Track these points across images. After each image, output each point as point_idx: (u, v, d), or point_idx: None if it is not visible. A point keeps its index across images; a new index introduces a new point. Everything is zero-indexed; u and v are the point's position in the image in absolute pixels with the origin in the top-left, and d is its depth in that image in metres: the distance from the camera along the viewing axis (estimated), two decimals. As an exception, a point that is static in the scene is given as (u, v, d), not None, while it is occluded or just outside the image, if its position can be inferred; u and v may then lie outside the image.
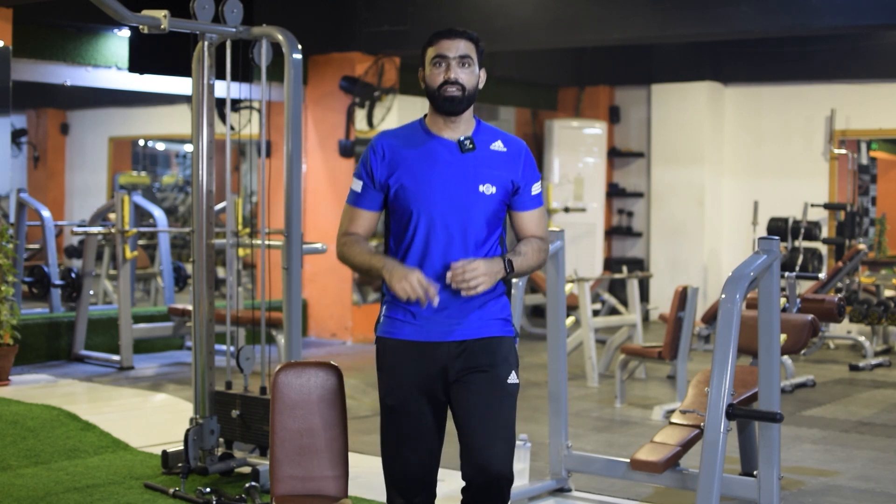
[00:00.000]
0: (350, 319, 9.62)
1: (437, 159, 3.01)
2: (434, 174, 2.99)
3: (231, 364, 5.37)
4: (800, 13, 7.98)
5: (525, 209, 3.10)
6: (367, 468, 5.24)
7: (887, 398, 7.51)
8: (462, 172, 3.00)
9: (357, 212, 3.08)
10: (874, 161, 11.64)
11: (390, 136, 3.07)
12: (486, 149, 3.04)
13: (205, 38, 4.87)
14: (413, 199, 2.99)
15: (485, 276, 2.90)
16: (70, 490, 4.74)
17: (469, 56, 3.00)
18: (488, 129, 3.10)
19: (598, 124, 11.63)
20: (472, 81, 3.01)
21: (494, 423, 2.97)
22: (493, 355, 3.01)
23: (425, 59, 3.03)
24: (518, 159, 3.06)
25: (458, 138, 3.02)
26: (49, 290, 8.59)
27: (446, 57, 2.98)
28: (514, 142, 3.09)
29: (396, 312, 3.05)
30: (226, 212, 6.66)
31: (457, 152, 3.02)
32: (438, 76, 2.99)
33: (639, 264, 11.78)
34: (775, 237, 3.81)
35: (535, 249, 3.08)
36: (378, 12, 9.32)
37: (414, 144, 3.03)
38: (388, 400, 3.05)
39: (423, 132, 3.06)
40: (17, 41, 7.73)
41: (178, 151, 14.55)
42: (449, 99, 2.98)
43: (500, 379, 3.01)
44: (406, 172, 3.00)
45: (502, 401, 3.00)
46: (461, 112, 3.01)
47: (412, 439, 3.02)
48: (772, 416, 3.77)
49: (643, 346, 7.20)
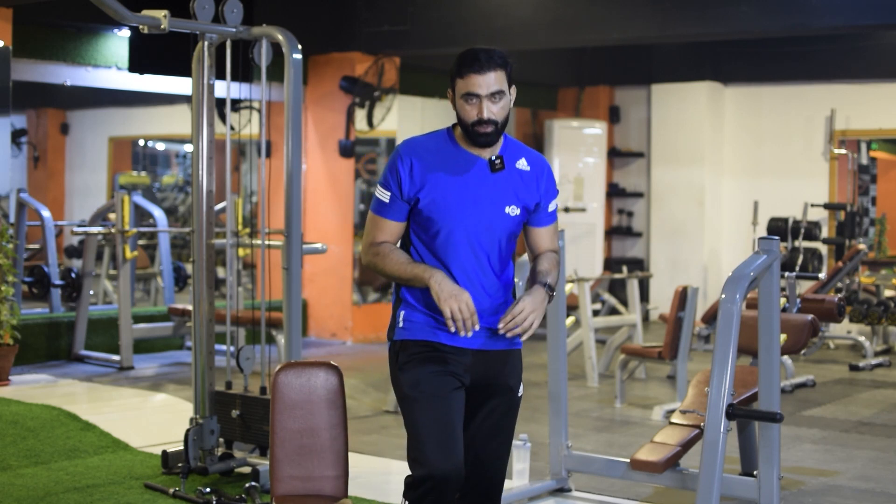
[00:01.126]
0: (350, 319, 9.62)
1: (468, 177, 3.01)
2: (465, 192, 2.99)
3: (231, 364, 5.37)
4: (800, 13, 7.98)
5: (541, 225, 3.13)
6: (367, 468, 5.25)
7: (887, 398, 7.51)
8: (491, 193, 3.01)
9: (384, 222, 3.05)
10: (874, 161, 11.64)
11: (419, 147, 3.04)
12: (513, 167, 3.06)
13: (205, 38, 4.87)
14: (442, 216, 2.99)
15: (534, 313, 2.91)
16: (70, 490, 4.74)
17: (501, 90, 2.97)
18: (514, 144, 3.11)
19: (598, 124, 11.63)
20: (505, 111, 3.00)
21: (503, 437, 3.10)
22: (504, 371, 3.07)
23: (455, 87, 3.00)
24: (541, 179, 3.09)
25: (490, 157, 3.03)
26: (49, 290, 8.59)
27: (478, 95, 2.96)
28: (537, 160, 3.11)
29: (415, 316, 3.04)
30: (226, 212, 6.66)
31: (486, 171, 3.02)
32: (471, 113, 2.97)
33: (639, 264, 11.78)
34: (775, 237, 3.80)
35: (555, 264, 3.11)
36: (378, 12, 9.31)
37: (444, 158, 3.02)
38: (413, 392, 2.98)
39: (452, 145, 3.04)
40: (17, 41, 7.73)
41: (178, 151, 14.54)
42: (483, 135, 2.98)
43: (514, 394, 3.10)
44: (436, 188, 2.99)
45: (512, 416, 3.12)
46: (494, 144, 3.02)
47: (441, 438, 2.94)
48: (772, 416, 3.77)
49: (643, 346, 7.20)
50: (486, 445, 3.06)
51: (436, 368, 2.99)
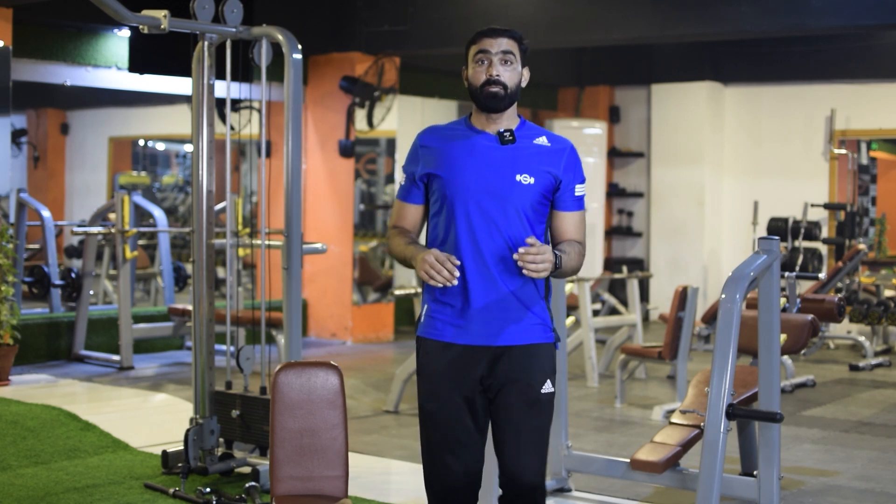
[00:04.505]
0: (350, 319, 9.62)
1: (475, 150, 3.00)
2: (469, 163, 2.98)
3: (231, 364, 5.37)
4: (800, 13, 7.98)
5: (565, 209, 3.03)
6: (367, 468, 5.25)
7: (887, 398, 7.51)
8: (499, 162, 2.97)
9: (403, 206, 3.10)
10: (874, 161, 11.64)
11: (433, 131, 3.08)
12: (529, 143, 3.01)
13: (205, 38, 4.87)
14: (448, 188, 2.97)
15: (549, 263, 2.82)
16: (70, 490, 4.74)
17: (511, 52, 2.99)
18: (533, 127, 3.08)
19: (598, 124, 11.63)
20: (515, 79, 3.00)
21: (527, 435, 2.98)
22: (530, 365, 2.98)
23: (468, 58, 3.02)
24: (561, 155, 3.01)
25: (499, 130, 3.01)
26: (49, 290, 8.59)
27: (488, 52, 2.97)
28: (559, 139, 3.06)
29: (438, 312, 3.01)
30: (226, 212, 6.66)
31: (496, 144, 3.00)
32: (481, 73, 2.98)
33: (639, 264, 11.78)
34: (775, 237, 3.80)
35: (578, 252, 3.01)
36: (378, 12, 9.32)
37: (455, 138, 3.03)
38: (428, 405, 3.01)
39: (465, 128, 3.06)
40: (17, 41, 7.73)
41: (178, 151, 14.55)
42: (491, 95, 2.96)
43: (535, 390, 2.98)
44: (443, 163, 2.99)
45: (535, 412, 2.99)
46: (503, 109, 2.99)
47: (455, 445, 2.98)
48: (772, 416, 3.77)
49: (643, 346, 7.20)
50: (511, 446, 2.98)
51: (446, 376, 2.98)
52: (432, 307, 3.03)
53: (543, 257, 2.80)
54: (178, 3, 5.05)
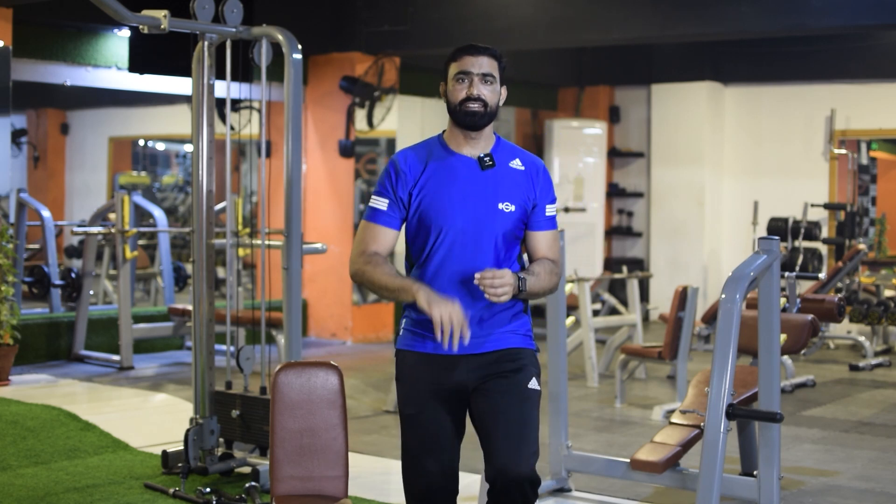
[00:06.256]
0: (350, 319, 9.62)
1: (458, 176, 3.02)
2: (454, 191, 3.00)
3: (231, 364, 5.37)
4: (800, 13, 7.98)
5: (538, 229, 3.09)
6: (367, 468, 5.25)
7: (887, 398, 7.51)
8: (482, 189, 3.01)
9: (377, 229, 3.04)
10: (874, 161, 11.64)
11: (410, 154, 3.06)
12: (506, 166, 3.06)
13: (205, 38, 4.87)
14: (434, 216, 2.99)
15: (510, 287, 2.89)
16: (70, 490, 4.74)
17: (492, 74, 3.01)
18: (507, 146, 3.11)
19: (598, 124, 11.64)
20: (494, 98, 3.03)
21: (515, 425, 2.95)
22: (514, 362, 3.02)
23: (448, 75, 3.04)
24: (536, 178, 3.08)
25: (479, 155, 3.04)
26: (49, 290, 8.59)
27: (469, 73, 3.00)
28: (531, 161, 3.11)
29: (418, 326, 3.04)
30: (226, 212, 6.66)
31: (476, 169, 3.03)
32: (461, 91, 3.00)
33: (639, 264, 11.78)
34: (775, 237, 3.80)
35: (548, 272, 3.06)
36: (378, 12, 9.31)
37: (434, 162, 3.03)
38: (407, 410, 3.05)
39: (441, 149, 3.06)
40: (17, 41, 7.73)
41: (178, 151, 14.55)
42: (470, 114, 2.99)
43: (521, 383, 3.01)
44: (426, 189, 3.01)
45: (523, 404, 3.00)
46: (482, 127, 3.02)
47: (433, 449, 3.01)
48: (772, 416, 3.77)
49: (643, 346, 7.20)
50: (496, 432, 2.95)
51: (424, 382, 3.02)
52: (412, 320, 3.06)
53: (502, 280, 2.87)
54: (178, 3, 5.05)
